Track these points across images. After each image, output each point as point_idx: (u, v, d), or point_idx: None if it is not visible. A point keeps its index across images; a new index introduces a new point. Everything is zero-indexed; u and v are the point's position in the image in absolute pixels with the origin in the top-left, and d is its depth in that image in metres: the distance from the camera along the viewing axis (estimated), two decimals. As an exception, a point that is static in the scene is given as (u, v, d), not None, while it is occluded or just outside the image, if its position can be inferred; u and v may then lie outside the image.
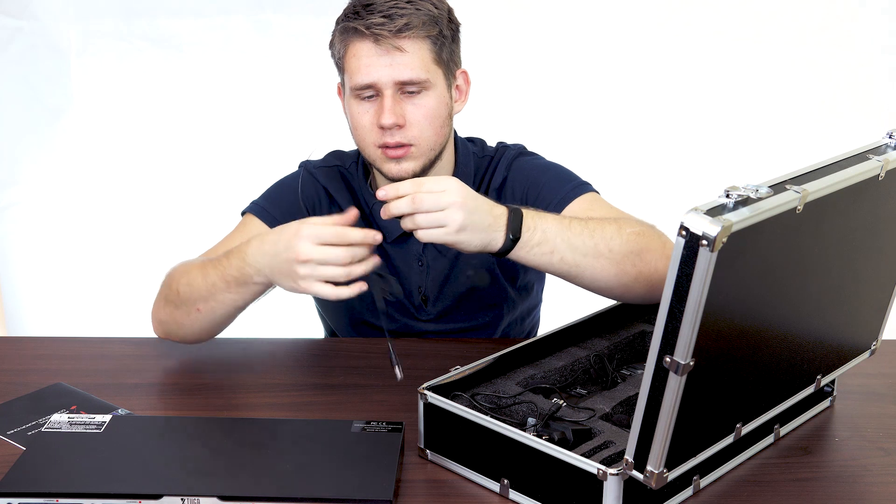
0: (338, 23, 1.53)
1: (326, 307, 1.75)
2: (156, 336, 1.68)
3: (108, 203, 2.76)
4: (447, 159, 1.61)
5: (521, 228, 1.34)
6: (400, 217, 1.31)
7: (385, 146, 1.51)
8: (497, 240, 1.33)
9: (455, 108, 1.58)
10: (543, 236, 1.36)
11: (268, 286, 1.43)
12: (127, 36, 2.64)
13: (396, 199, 1.30)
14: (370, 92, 1.50)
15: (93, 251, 2.79)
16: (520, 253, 1.35)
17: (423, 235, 1.31)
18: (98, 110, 2.70)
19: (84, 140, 2.71)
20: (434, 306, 1.65)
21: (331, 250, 1.29)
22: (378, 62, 1.47)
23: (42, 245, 2.80)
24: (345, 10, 1.52)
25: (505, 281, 1.66)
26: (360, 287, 1.31)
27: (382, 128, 1.49)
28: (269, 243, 1.36)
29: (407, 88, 1.49)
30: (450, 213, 1.29)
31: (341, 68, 1.54)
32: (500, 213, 1.33)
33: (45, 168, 2.73)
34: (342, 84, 1.57)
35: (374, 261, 1.33)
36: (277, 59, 2.64)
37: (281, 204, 1.63)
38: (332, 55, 1.56)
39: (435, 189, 1.29)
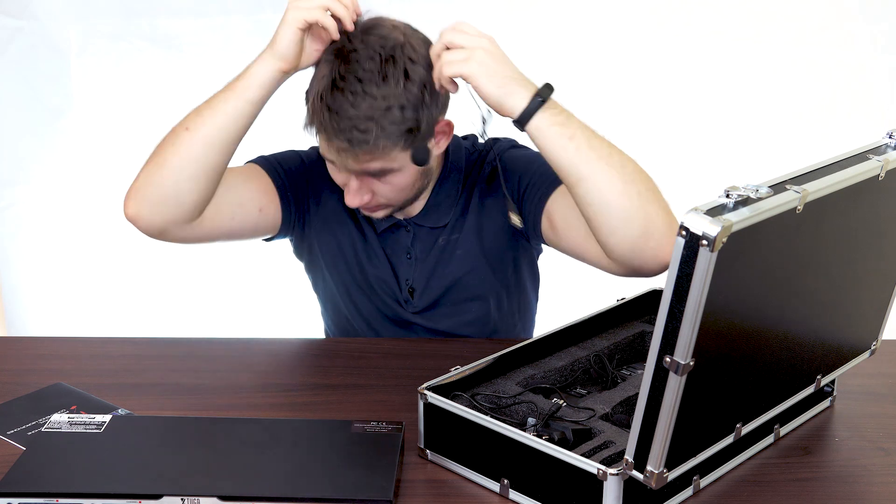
0: (308, 96, 1.45)
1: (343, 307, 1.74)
2: (151, 337, 1.69)
3: (108, 203, 2.75)
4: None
5: (549, 97, 1.36)
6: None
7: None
8: (520, 94, 1.35)
9: (434, 153, 1.53)
10: (567, 120, 1.37)
11: (271, 75, 1.43)
12: (127, 36, 2.63)
13: None
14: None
15: (93, 251, 2.79)
16: (540, 122, 1.35)
17: (449, 67, 1.36)
18: (98, 110, 2.70)
19: (84, 140, 2.71)
20: (421, 299, 1.65)
21: None
22: (343, 158, 1.44)
23: (42, 245, 2.80)
24: (315, 93, 1.42)
25: (493, 271, 1.65)
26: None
27: None
28: None
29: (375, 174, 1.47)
30: (478, 49, 1.35)
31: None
32: (529, 80, 1.37)
33: (45, 168, 2.73)
34: None
35: None
36: (277, 59, 2.64)
37: (288, 164, 1.64)
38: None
39: (467, 29, 1.38)
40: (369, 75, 1.38)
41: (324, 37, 1.44)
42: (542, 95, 1.36)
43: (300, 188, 1.64)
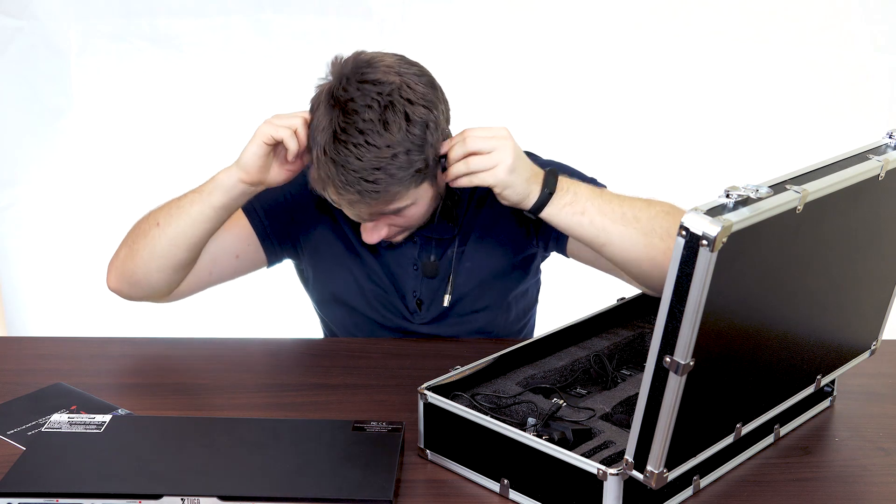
0: (312, 146, 1.39)
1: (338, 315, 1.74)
2: (151, 337, 1.69)
3: (108, 203, 2.76)
4: None
5: (555, 185, 1.39)
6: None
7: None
8: (534, 192, 1.38)
9: (442, 183, 1.50)
10: (575, 198, 1.40)
11: (233, 184, 1.45)
12: (127, 36, 2.63)
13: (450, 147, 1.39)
14: None
15: (93, 251, 2.78)
16: (552, 209, 1.39)
17: (478, 178, 1.36)
18: (98, 110, 2.69)
19: (84, 140, 2.71)
20: (429, 311, 1.65)
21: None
22: (356, 208, 1.42)
23: (42, 245, 2.80)
24: (319, 146, 1.37)
25: (501, 284, 1.65)
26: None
27: None
28: None
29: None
30: (501, 153, 1.35)
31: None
32: (538, 170, 1.41)
33: (45, 168, 2.73)
34: None
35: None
36: (277, 59, 2.64)
37: (270, 201, 1.62)
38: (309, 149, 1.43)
39: (486, 134, 1.37)
40: (370, 125, 1.35)
41: (284, 157, 1.44)
42: (549, 187, 1.39)
43: (285, 224, 1.63)
